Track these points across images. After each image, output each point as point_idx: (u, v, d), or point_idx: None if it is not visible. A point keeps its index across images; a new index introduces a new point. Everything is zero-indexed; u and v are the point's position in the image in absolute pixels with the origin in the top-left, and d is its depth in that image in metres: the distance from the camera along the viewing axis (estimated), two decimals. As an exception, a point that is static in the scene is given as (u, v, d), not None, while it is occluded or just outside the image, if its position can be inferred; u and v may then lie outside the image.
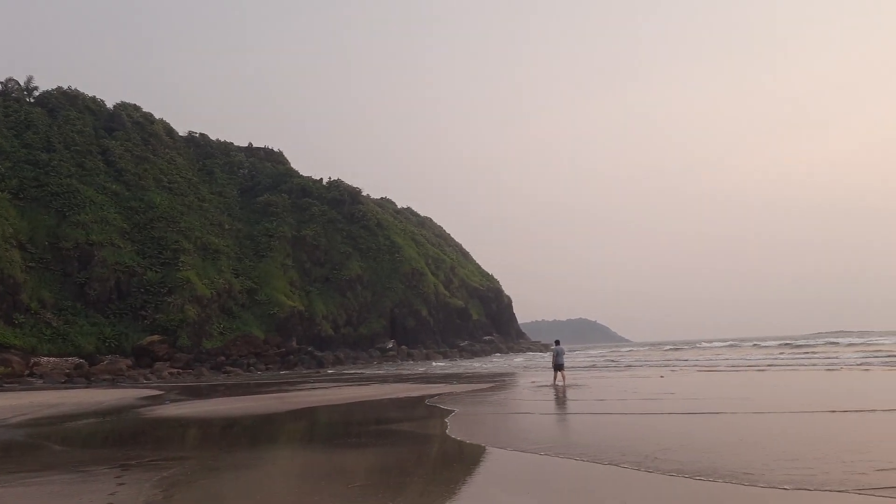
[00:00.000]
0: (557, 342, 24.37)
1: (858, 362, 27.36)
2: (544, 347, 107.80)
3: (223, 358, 61.50)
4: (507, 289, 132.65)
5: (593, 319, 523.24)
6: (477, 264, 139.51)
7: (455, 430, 11.17)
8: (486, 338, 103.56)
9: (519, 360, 64.68)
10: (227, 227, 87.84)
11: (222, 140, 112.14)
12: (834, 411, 11.15)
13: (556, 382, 21.34)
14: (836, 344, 51.46)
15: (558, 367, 21.96)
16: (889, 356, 31.05)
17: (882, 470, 6.45)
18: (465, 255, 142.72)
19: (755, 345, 61.14)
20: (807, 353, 41.72)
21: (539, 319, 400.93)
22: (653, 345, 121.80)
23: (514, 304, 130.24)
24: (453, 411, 14.44)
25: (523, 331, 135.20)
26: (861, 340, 59.11)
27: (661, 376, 24.08)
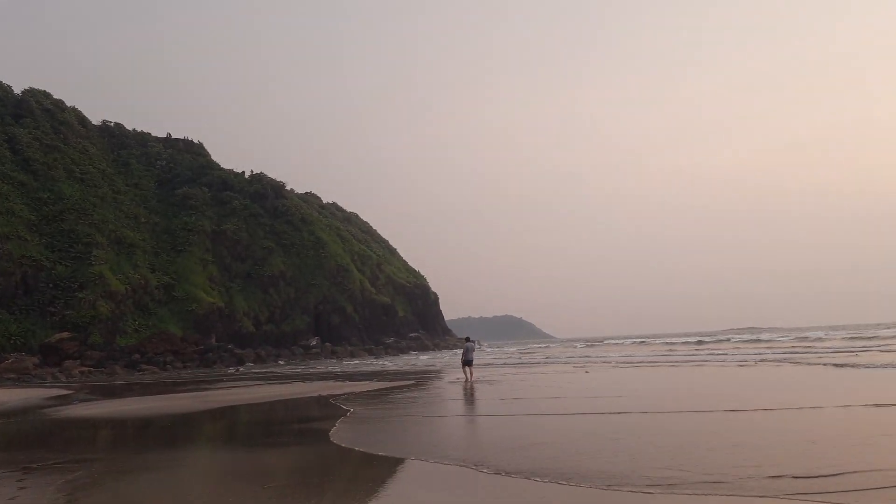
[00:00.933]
0: (468, 339, 25.29)
1: (763, 358, 28.98)
2: (481, 344, 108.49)
3: (138, 356, 59.37)
4: (435, 286, 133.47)
5: (519, 316, 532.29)
6: (404, 261, 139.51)
7: (341, 434, 10.64)
8: (413, 335, 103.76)
9: (445, 357, 65.18)
10: (143, 220, 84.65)
11: (139, 130, 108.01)
12: (734, 410, 11.80)
13: (466, 378, 22.14)
14: (752, 340, 54.38)
15: (467, 363, 22.72)
16: (788, 352, 33.06)
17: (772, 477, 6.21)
18: (392, 251, 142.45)
19: (666, 342, 64.05)
20: (712, 349, 43.91)
21: (466, 316, 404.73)
22: (575, 341, 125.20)
23: (441, 301, 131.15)
24: (349, 411, 14.25)
25: (450, 328, 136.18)
26: (757, 336, 62.65)
27: (587, 371, 24.86)
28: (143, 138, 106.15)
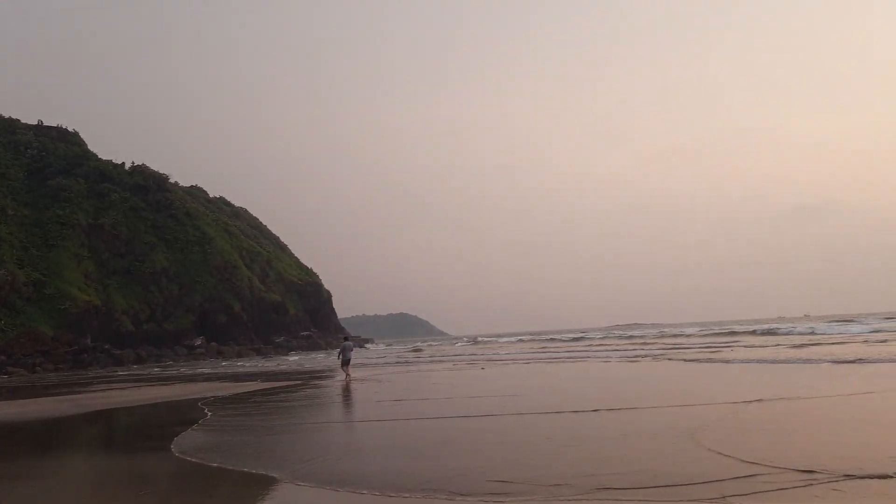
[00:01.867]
0: (346, 338, 26.10)
1: (644, 355, 30.82)
2: (364, 343, 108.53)
3: (4, 357, 55.40)
4: (329, 283, 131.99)
5: (415, 314, 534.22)
6: (296, 258, 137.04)
7: (186, 443, 9.87)
8: (304, 333, 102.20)
9: (336, 356, 64.59)
10: (10, 212, 78.68)
11: (6, 116, 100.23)
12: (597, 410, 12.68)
13: (345, 377, 22.66)
14: (626, 336, 57.51)
15: (346, 362, 23.25)
16: (663, 349, 35.36)
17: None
18: (283, 248, 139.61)
19: (552, 338, 66.77)
20: (589, 345, 46.20)
21: (360, 314, 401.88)
22: (471, 337, 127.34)
23: (334, 298, 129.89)
24: (208, 415, 13.67)
25: (344, 326, 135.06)
26: (632, 332, 66.51)
27: (483, 368, 25.53)
28: (10, 125, 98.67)
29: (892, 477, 5.45)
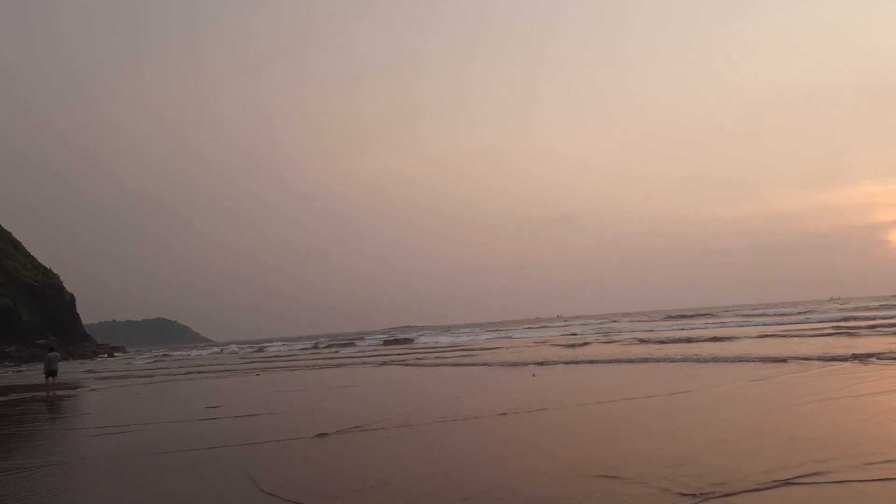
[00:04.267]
0: (52, 349, 25.23)
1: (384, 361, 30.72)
2: (114, 351, 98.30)
3: None
4: (74, 286, 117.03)
5: (174, 319, 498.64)
6: (32, 257, 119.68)
7: None
8: (42, 342, 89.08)
9: (85, 366, 57.17)
10: None
11: None
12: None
13: (49, 391, 21.33)
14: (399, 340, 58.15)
15: (51, 373, 22.06)
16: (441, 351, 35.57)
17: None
18: (17, 245, 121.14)
19: (329, 343, 65.72)
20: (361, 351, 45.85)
21: (111, 320, 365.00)
22: (234, 343, 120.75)
23: (81, 302, 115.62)
24: None
25: (91, 333, 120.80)
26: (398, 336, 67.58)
27: (258, 374, 23.21)
28: None
29: None
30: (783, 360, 14.98)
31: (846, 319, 36.23)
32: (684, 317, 66.05)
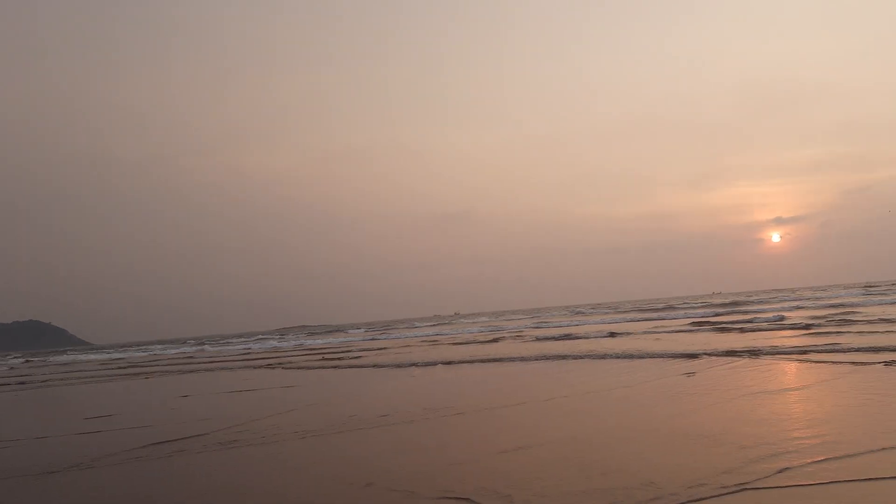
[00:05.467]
0: None
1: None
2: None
3: None
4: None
5: (48, 321, 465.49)
6: None
7: None
8: None
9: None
10: None
11: None
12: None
13: None
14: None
15: None
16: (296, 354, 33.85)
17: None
18: None
19: (199, 344, 62.44)
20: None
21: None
22: (118, 346, 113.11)
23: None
24: None
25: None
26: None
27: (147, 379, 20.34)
28: None
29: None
30: (694, 356, 14.25)
31: (719, 315, 37.28)
32: (581, 313, 67.09)
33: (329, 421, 9.07)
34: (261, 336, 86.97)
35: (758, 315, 31.02)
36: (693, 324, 28.57)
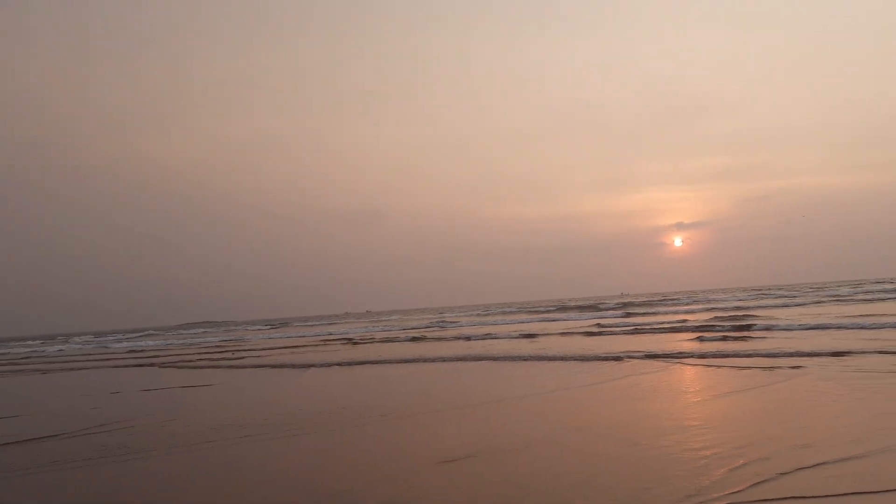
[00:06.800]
0: None
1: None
2: None
3: None
4: None
5: None
6: None
7: None
8: None
9: None
10: None
11: None
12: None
13: None
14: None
15: None
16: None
17: None
18: None
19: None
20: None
21: None
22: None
23: None
24: None
25: None
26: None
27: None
28: None
29: None
30: (618, 359, 13.70)
31: (631, 316, 37.75)
32: (489, 314, 66.98)
33: (206, 427, 7.84)
34: (151, 332, 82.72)
35: (665, 318, 31.57)
36: (598, 325, 28.63)
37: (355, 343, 28.44)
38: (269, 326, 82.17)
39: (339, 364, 17.46)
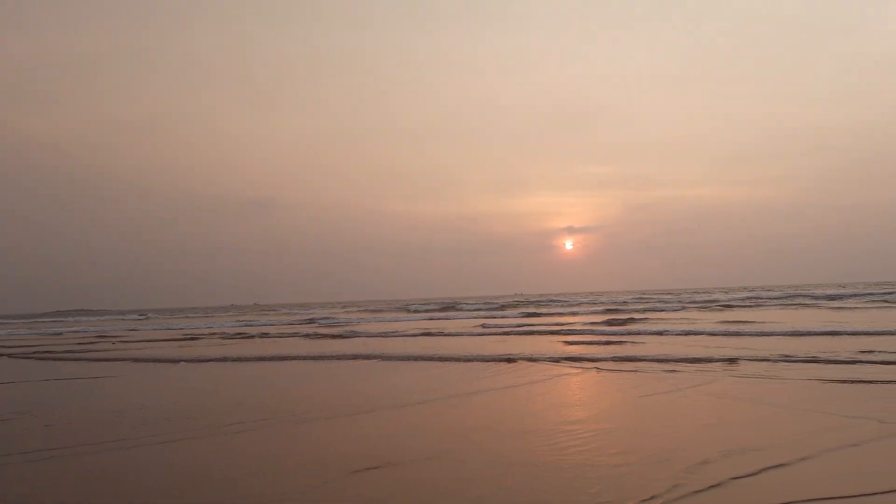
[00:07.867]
0: None
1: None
2: None
3: None
4: None
5: None
6: None
7: None
8: None
9: None
10: None
11: None
12: None
13: None
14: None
15: None
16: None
17: None
18: None
19: None
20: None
21: None
22: None
23: None
24: None
25: None
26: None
27: None
28: None
29: None
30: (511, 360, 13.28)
31: (531, 316, 38.11)
32: (380, 310, 66.06)
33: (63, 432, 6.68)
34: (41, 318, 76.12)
35: (560, 319, 32.23)
36: (483, 326, 28.61)
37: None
38: (142, 317, 77.71)
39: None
